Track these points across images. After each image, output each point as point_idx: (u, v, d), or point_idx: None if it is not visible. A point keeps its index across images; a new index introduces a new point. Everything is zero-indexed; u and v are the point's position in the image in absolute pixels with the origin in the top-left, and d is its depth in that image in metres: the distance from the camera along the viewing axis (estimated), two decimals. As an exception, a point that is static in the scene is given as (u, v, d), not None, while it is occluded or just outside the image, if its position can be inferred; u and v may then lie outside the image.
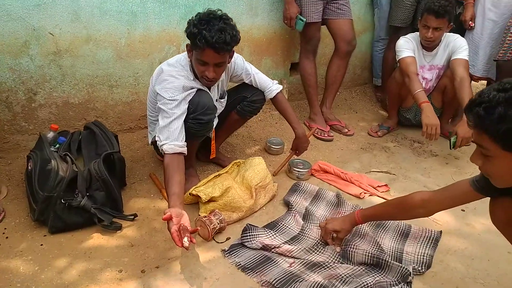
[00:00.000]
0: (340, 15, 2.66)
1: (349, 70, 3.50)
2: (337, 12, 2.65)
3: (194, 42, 1.67)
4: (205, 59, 1.71)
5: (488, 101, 0.95)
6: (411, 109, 2.85)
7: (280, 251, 1.64)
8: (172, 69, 1.82)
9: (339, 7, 2.64)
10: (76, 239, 1.67)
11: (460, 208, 2.01)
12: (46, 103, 2.21)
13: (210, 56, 1.69)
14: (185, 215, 1.47)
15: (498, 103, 0.93)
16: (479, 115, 0.96)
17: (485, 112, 0.95)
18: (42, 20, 2.03)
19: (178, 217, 1.44)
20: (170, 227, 1.41)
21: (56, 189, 1.63)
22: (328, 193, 2.10)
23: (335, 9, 2.65)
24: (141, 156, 2.34)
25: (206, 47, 1.65)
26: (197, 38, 1.64)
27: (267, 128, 2.87)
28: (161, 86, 1.77)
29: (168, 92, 1.75)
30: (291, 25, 2.60)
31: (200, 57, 1.71)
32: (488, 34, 2.82)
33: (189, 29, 1.68)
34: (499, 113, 0.93)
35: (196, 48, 1.69)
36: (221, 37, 1.63)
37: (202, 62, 1.73)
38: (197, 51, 1.70)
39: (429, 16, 2.46)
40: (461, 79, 2.44)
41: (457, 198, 1.31)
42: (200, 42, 1.63)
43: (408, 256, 1.66)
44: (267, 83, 2.12)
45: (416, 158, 2.58)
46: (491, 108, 0.94)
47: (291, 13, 2.56)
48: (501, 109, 0.92)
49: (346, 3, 2.68)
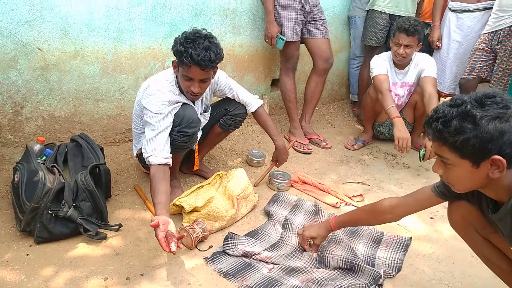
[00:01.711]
0: (318, 35, 2.82)
1: (327, 86, 3.67)
2: (315, 32, 2.81)
3: (181, 59, 1.77)
4: (190, 75, 1.81)
5: (444, 116, 1.06)
6: (385, 124, 3.00)
7: (260, 258, 1.72)
8: (159, 84, 1.91)
9: (316, 27, 2.80)
10: (62, 248, 1.72)
11: (429, 215, 2.15)
12: (32, 116, 2.25)
13: (196, 72, 1.79)
14: (171, 222, 1.55)
15: (453, 117, 1.05)
16: (438, 129, 1.08)
17: (442, 126, 1.07)
18: (31, 36, 2.10)
19: (165, 224, 1.51)
20: (158, 234, 1.48)
21: (43, 200, 1.68)
22: (306, 203, 2.21)
23: (313, 29, 2.81)
24: (126, 168, 2.39)
25: (192, 64, 1.75)
26: (184, 55, 1.74)
27: (249, 141, 2.97)
28: (147, 100, 1.86)
29: (155, 106, 1.83)
30: (272, 43, 2.73)
31: (186, 73, 1.81)
32: (454, 54, 3.03)
33: (176, 47, 1.78)
34: (455, 126, 1.04)
35: (182, 65, 1.79)
36: (206, 55, 1.74)
37: (188, 78, 1.83)
38: (183, 67, 1.79)
39: (401, 34, 2.64)
40: (429, 95, 2.61)
41: (421, 203, 1.43)
42: (187, 59, 1.73)
43: (380, 260, 1.77)
44: (249, 98, 2.23)
45: (390, 170, 2.72)
46: (448, 122, 1.05)
47: (272, 32, 2.69)
48: (456, 122, 1.04)
49: (323, 23, 2.84)
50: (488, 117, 1.01)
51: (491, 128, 1.01)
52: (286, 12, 2.67)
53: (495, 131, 1.01)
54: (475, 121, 1.02)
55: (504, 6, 2.67)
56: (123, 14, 2.33)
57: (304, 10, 2.72)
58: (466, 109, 1.03)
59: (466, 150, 1.06)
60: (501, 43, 2.73)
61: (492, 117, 1.01)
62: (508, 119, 1.01)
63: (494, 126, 1.01)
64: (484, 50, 2.81)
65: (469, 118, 1.03)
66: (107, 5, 2.27)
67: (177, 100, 1.91)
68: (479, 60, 2.84)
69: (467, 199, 1.32)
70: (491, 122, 1.01)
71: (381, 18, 3.13)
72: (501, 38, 2.72)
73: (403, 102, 2.94)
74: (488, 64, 2.84)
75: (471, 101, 1.04)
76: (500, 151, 1.03)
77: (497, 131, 1.01)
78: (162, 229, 1.48)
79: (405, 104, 2.95)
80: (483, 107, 1.02)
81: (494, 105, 1.02)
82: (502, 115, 1.01)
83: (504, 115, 1.01)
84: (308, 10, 2.74)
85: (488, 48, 2.80)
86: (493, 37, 2.77)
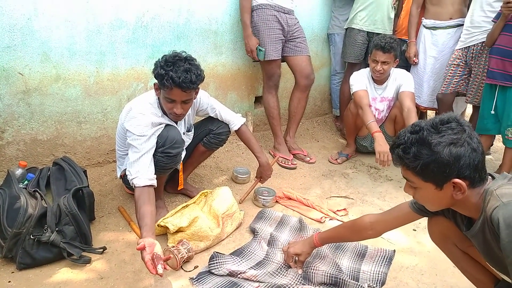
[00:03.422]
0: (298, 52, 2.89)
1: (310, 101, 3.74)
2: (295, 50, 2.88)
3: (162, 82, 1.79)
4: (172, 97, 1.83)
5: (404, 142, 1.12)
6: (367, 138, 3.07)
7: (246, 276, 1.73)
8: (141, 106, 1.92)
9: (296, 45, 2.87)
10: (45, 274, 1.69)
11: (412, 227, 2.19)
12: (14, 140, 2.24)
13: (177, 94, 1.81)
14: (157, 244, 1.54)
15: (412, 143, 1.10)
16: (399, 155, 1.14)
17: (403, 152, 1.12)
18: (11, 61, 2.11)
19: (151, 246, 1.50)
20: (144, 257, 1.47)
21: (25, 225, 1.66)
22: (292, 218, 2.23)
23: (293, 47, 2.88)
24: (110, 189, 2.38)
25: (174, 87, 1.78)
26: (165, 78, 1.76)
27: (234, 158, 2.99)
28: (130, 123, 1.87)
29: (138, 128, 1.84)
30: (254, 56, 2.79)
31: (168, 95, 1.83)
32: (431, 69, 3.14)
33: (157, 70, 1.81)
34: (413, 152, 1.10)
35: (164, 88, 1.81)
36: (187, 77, 1.77)
37: (170, 100, 1.85)
38: (165, 90, 1.82)
39: (377, 51, 2.73)
40: (408, 109, 2.69)
41: (400, 219, 1.47)
42: (168, 82, 1.76)
43: (364, 274, 1.80)
44: (232, 116, 2.27)
45: (373, 183, 2.77)
46: (407, 149, 1.11)
47: (251, 45, 2.75)
48: (415, 149, 1.10)
49: (303, 41, 2.91)
50: (443, 143, 1.06)
51: (446, 154, 1.06)
52: (265, 32, 2.74)
53: (450, 156, 1.06)
54: (431, 147, 1.07)
55: (476, 23, 2.78)
56: (104, 37, 2.36)
57: (284, 29, 2.79)
58: (423, 136, 1.08)
59: (427, 174, 1.11)
60: (475, 58, 2.83)
61: (447, 143, 1.06)
62: (463, 144, 1.06)
63: (449, 152, 1.06)
64: (459, 66, 2.92)
65: (425, 144, 1.08)
66: (88, 29, 2.29)
67: (160, 121, 1.93)
68: (455, 75, 2.94)
69: (444, 215, 1.36)
70: (446, 148, 1.06)
71: (359, 36, 3.23)
72: (474, 54, 2.83)
73: (383, 116, 3.01)
74: (464, 79, 2.94)
75: (428, 128, 1.09)
76: (459, 174, 1.08)
77: (452, 156, 1.06)
78: (149, 252, 1.48)
79: (386, 118, 3.02)
80: (439, 133, 1.08)
81: (449, 131, 1.07)
82: (457, 140, 1.06)
83: (458, 140, 1.06)
84: (287, 29, 2.81)
85: (462, 64, 2.91)
86: (467, 53, 2.87)
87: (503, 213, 1.02)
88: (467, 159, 1.06)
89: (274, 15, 2.74)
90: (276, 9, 2.74)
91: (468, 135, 1.08)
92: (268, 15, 2.73)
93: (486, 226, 1.11)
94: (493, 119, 2.69)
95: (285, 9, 2.78)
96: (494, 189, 1.09)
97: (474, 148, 1.07)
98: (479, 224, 1.13)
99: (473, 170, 1.08)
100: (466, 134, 1.07)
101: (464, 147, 1.06)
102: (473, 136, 1.08)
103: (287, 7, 2.80)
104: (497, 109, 2.65)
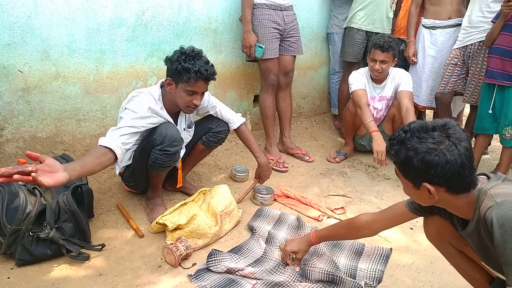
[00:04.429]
0: (290, 52, 2.91)
1: (309, 100, 3.76)
2: (287, 49, 2.89)
3: (188, 75, 1.84)
4: (196, 89, 1.89)
5: (393, 139, 1.16)
6: (365, 137, 3.08)
7: (244, 274, 1.74)
8: (144, 94, 1.96)
9: (290, 44, 2.89)
10: (44, 270, 1.70)
11: (409, 226, 2.20)
12: (13, 138, 2.25)
13: (201, 86, 1.90)
14: (63, 175, 1.33)
15: (397, 142, 1.14)
16: (387, 150, 1.18)
17: (389, 147, 1.17)
18: (11, 58, 2.11)
19: (42, 160, 1.30)
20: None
21: (24, 222, 1.67)
22: (289, 216, 2.24)
23: (286, 46, 2.89)
24: (108, 187, 2.39)
25: (200, 79, 1.85)
26: (191, 71, 1.82)
27: (233, 156, 3.00)
28: (129, 104, 1.91)
29: (134, 105, 1.87)
30: (251, 53, 2.73)
31: (191, 88, 1.88)
32: (429, 69, 3.15)
33: (178, 65, 1.84)
34: (395, 150, 1.14)
35: (188, 81, 1.86)
36: (211, 68, 1.88)
37: (191, 93, 1.90)
38: (188, 82, 1.86)
39: (376, 51, 2.74)
40: (406, 109, 2.70)
41: (396, 218, 1.48)
42: (195, 74, 1.83)
43: (361, 272, 1.81)
44: (231, 115, 2.28)
45: (371, 182, 2.78)
46: (393, 145, 1.15)
47: (250, 41, 2.69)
48: (397, 147, 1.13)
49: (296, 41, 2.91)
50: (418, 149, 1.08)
51: (418, 160, 1.08)
52: (261, 30, 2.74)
53: (422, 163, 1.08)
54: (407, 151, 1.10)
55: (474, 23, 2.79)
56: (104, 36, 2.37)
57: (280, 28, 2.79)
58: (406, 138, 1.11)
59: (405, 172, 1.16)
60: (472, 58, 2.85)
61: (422, 150, 1.08)
62: (438, 154, 1.07)
63: (421, 159, 1.08)
64: (457, 65, 2.93)
65: (404, 146, 1.11)
66: (88, 27, 2.30)
67: (158, 112, 1.94)
68: (453, 75, 2.95)
69: (440, 214, 1.37)
70: (420, 154, 1.08)
71: (358, 35, 3.23)
72: (471, 53, 2.84)
73: (382, 115, 3.02)
74: (462, 78, 2.95)
75: (413, 131, 1.11)
76: (431, 181, 1.10)
77: (423, 164, 1.08)
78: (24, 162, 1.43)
79: (384, 117, 3.03)
80: (420, 139, 1.10)
81: (429, 139, 1.09)
82: (432, 150, 1.07)
83: (434, 150, 1.07)
84: (284, 27, 2.81)
85: (460, 63, 2.92)
86: (464, 52, 2.89)
87: (497, 213, 1.03)
88: (439, 169, 1.07)
89: (270, 14, 2.73)
90: (272, 7, 2.74)
91: (447, 146, 1.07)
92: (264, 15, 2.72)
93: (480, 225, 1.12)
94: (491, 119, 2.70)
95: (282, 6, 2.78)
96: (488, 189, 1.10)
97: (448, 160, 1.06)
98: (474, 223, 1.14)
99: (447, 180, 1.09)
100: (445, 146, 1.07)
101: (438, 157, 1.06)
102: (453, 148, 1.07)
103: (284, 4, 2.79)
104: (495, 108, 2.66)
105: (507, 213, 1.01)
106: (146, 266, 1.79)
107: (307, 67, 3.61)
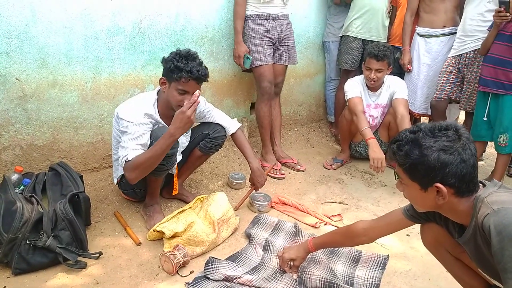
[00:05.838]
0: (281, 61, 2.93)
1: (305, 108, 3.78)
2: (279, 58, 2.92)
3: (180, 74, 1.87)
4: (187, 89, 1.91)
5: (400, 139, 1.16)
6: (361, 144, 3.09)
7: (241, 281, 1.74)
8: (138, 99, 2.01)
9: (281, 53, 2.92)
10: (41, 279, 1.69)
11: (406, 233, 2.21)
12: (10, 146, 2.24)
13: (192, 86, 1.91)
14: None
15: (406, 142, 1.14)
16: (393, 150, 1.18)
17: (397, 148, 1.17)
18: (9, 66, 2.12)
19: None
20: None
21: (21, 231, 1.67)
22: (287, 224, 2.24)
23: (277, 55, 2.91)
24: (106, 195, 2.39)
25: (191, 79, 1.88)
26: (183, 70, 1.86)
27: (230, 163, 3.01)
28: (123, 109, 1.94)
29: (128, 114, 1.91)
30: (240, 62, 2.79)
31: (182, 87, 1.90)
32: (424, 76, 3.18)
33: (172, 63, 1.88)
34: (405, 151, 1.14)
35: (180, 79, 1.89)
36: (203, 70, 1.91)
37: (183, 92, 1.92)
38: (180, 81, 1.89)
39: (371, 60, 2.77)
40: (401, 116, 2.72)
41: (392, 226, 1.49)
42: (187, 73, 1.86)
43: (358, 279, 1.81)
44: (227, 121, 2.30)
45: (367, 189, 2.80)
46: (401, 146, 1.15)
47: (240, 52, 2.75)
48: (407, 148, 1.13)
49: (289, 50, 2.93)
50: (434, 147, 1.09)
51: (434, 159, 1.09)
52: (252, 39, 2.76)
53: (437, 162, 1.08)
54: (421, 149, 1.10)
55: (468, 32, 2.83)
56: (102, 44, 2.38)
57: (272, 35, 2.81)
58: (418, 137, 1.12)
59: (414, 174, 1.15)
60: (467, 66, 2.89)
61: (438, 148, 1.09)
62: (453, 153, 1.08)
63: (437, 157, 1.08)
64: (452, 73, 2.97)
65: (417, 145, 1.11)
66: (85, 35, 2.31)
67: (152, 116, 1.98)
68: (448, 82, 2.99)
69: (436, 221, 1.39)
70: (435, 152, 1.09)
71: (355, 43, 3.27)
72: (467, 62, 2.88)
73: (378, 123, 3.05)
74: (457, 86, 2.99)
75: (425, 131, 1.12)
76: (443, 181, 1.10)
77: (439, 162, 1.08)
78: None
79: (380, 125, 3.05)
80: (434, 137, 1.11)
81: (444, 138, 1.10)
82: (448, 148, 1.09)
83: (450, 148, 1.09)
84: (276, 36, 2.83)
85: (455, 71, 2.96)
86: (459, 60, 2.92)
87: (494, 220, 1.04)
88: (453, 167, 1.08)
89: (261, 24, 2.76)
90: (264, 18, 2.76)
91: (461, 145, 1.09)
92: (255, 24, 2.75)
93: (477, 233, 1.13)
94: (486, 126, 2.73)
95: (274, 16, 2.80)
96: (485, 196, 1.11)
97: (463, 159, 1.08)
98: (471, 231, 1.15)
99: (459, 180, 1.10)
100: (459, 144, 1.09)
101: (453, 156, 1.08)
102: (467, 148, 1.10)
103: (277, 14, 2.81)
104: (489, 116, 2.69)
105: (504, 221, 1.02)
106: (144, 274, 1.78)
107: (303, 74, 3.64)
